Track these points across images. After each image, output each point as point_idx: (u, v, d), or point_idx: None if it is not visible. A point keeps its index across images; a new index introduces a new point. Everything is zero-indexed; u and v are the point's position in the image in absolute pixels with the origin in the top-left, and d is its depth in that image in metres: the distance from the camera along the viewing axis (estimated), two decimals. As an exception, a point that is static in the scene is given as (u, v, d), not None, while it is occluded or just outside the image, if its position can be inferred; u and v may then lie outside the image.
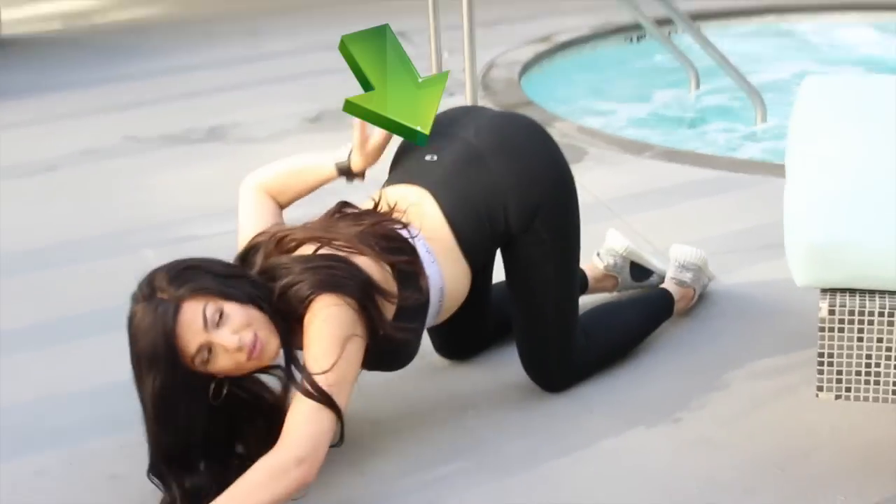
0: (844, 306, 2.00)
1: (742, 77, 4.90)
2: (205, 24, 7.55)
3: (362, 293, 2.21)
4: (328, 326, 2.16)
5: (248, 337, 2.16)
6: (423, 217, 2.44)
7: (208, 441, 2.23)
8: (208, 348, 2.14)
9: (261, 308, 2.19)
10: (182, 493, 2.18)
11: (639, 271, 3.09)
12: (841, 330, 2.00)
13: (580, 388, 2.68)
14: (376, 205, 2.46)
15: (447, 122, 2.60)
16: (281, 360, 2.27)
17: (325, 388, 2.13)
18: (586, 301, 2.98)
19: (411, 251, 2.36)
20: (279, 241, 2.31)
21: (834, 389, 2.06)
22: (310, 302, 2.17)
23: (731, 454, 2.40)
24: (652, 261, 3.10)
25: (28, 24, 8.09)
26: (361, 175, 2.53)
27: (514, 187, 2.47)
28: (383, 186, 2.57)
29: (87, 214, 4.05)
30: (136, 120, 5.21)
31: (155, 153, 4.70)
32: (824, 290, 2.04)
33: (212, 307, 2.14)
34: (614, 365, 2.76)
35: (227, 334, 2.14)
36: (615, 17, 6.67)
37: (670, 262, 3.01)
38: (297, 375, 2.18)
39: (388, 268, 2.30)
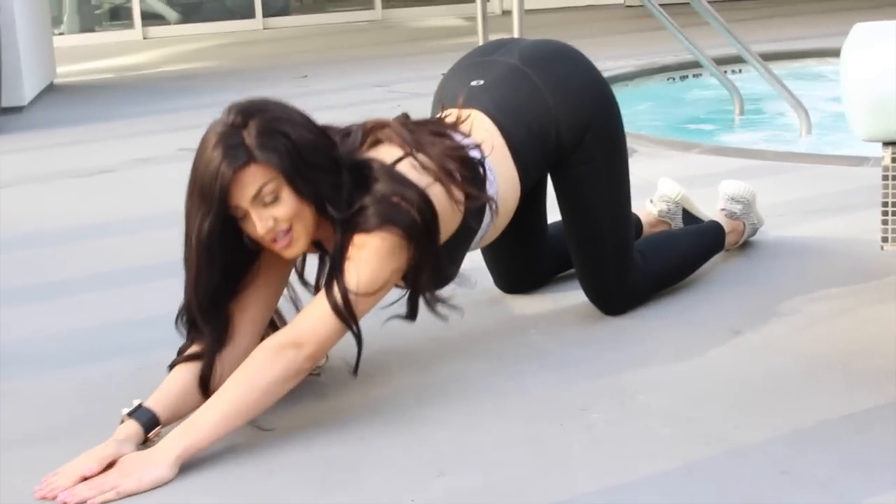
0: (908, 154, 2.03)
1: (787, 89, 4.97)
2: (256, 72, 7.75)
3: (423, 245, 2.19)
4: (381, 259, 2.15)
5: (282, 227, 2.13)
6: (481, 130, 2.42)
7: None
8: (245, 213, 2.13)
9: (320, 209, 2.16)
10: (208, 337, 2.19)
11: (690, 220, 3.12)
12: (905, 178, 2.03)
13: (639, 311, 2.71)
14: (441, 117, 2.46)
15: (488, 51, 2.65)
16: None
17: (351, 300, 2.13)
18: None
19: (482, 181, 2.34)
20: (371, 128, 2.28)
21: (900, 240, 2.08)
22: (372, 230, 2.14)
23: (793, 355, 2.42)
24: (704, 210, 3.14)
25: (81, 75, 8.31)
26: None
27: (563, 104, 2.51)
28: (431, 116, 2.58)
29: (143, 200, 4.16)
30: (190, 137, 5.30)
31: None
32: (886, 143, 2.07)
33: (272, 185, 2.09)
34: (670, 291, 2.80)
35: (266, 217, 2.11)
36: (657, 58, 6.82)
37: (720, 195, 3.06)
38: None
39: (461, 200, 2.28)
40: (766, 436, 2.05)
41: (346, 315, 2.14)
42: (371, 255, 2.15)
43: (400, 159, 2.23)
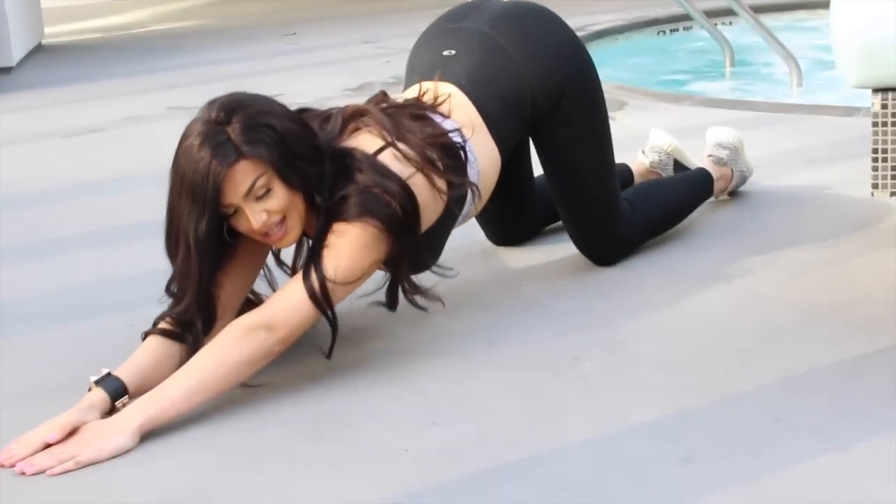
0: (897, 101, 2.04)
1: (778, 42, 4.96)
2: (245, 30, 7.72)
3: (403, 237, 2.18)
4: (360, 249, 2.14)
5: (274, 220, 2.12)
6: (458, 109, 2.39)
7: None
8: (237, 209, 2.10)
9: (309, 199, 2.15)
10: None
11: (681, 171, 3.12)
12: (894, 125, 2.03)
13: (631, 261, 2.72)
14: (419, 97, 2.40)
15: (458, 17, 2.61)
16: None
17: (329, 287, 2.12)
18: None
19: (464, 167, 2.33)
20: (351, 114, 2.27)
21: (889, 186, 2.09)
22: (352, 220, 2.14)
23: (784, 304, 2.43)
24: (695, 161, 3.14)
25: (69, 35, 8.27)
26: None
27: (536, 70, 2.49)
28: (405, 88, 2.57)
29: (134, 158, 4.15)
30: (180, 95, 5.30)
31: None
32: (876, 90, 2.07)
33: (263, 180, 2.06)
34: (661, 241, 2.81)
35: (258, 210, 2.09)
36: (647, 12, 6.80)
37: (707, 142, 3.06)
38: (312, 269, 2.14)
39: (443, 189, 2.27)
40: (759, 383, 2.06)
41: (322, 302, 2.12)
42: (350, 245, 2.14)
43: (382, 149, 2.22)
